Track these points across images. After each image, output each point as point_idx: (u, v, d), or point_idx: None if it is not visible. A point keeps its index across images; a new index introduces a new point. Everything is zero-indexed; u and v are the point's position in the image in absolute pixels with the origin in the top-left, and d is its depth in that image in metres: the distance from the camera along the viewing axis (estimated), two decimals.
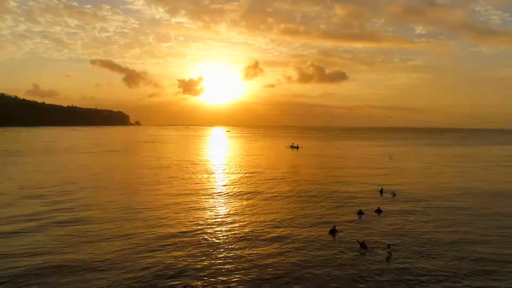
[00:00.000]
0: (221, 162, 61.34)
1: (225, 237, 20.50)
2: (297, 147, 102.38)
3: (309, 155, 78.44)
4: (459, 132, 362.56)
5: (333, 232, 21.69)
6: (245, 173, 46.52)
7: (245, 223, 23.33)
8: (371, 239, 20.37)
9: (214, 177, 43.47)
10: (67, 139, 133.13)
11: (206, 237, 20.54)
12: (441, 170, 53.44)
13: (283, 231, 21.71)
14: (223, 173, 47.36)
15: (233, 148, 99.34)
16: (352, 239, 20.35)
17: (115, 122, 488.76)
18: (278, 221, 23.70)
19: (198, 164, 57.35)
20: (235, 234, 21.07)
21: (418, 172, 50.41)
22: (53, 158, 63.13)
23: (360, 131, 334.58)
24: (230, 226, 22.68)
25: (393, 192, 34.44)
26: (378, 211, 27.36)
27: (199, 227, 22.40)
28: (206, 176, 44.36)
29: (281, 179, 41.93)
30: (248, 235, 20.75)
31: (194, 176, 44.00)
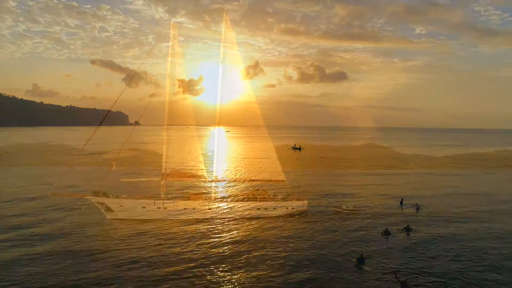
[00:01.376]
0: (222, 167, 58.01)
1: (235, 279, 16.93)
2: (299, 148, 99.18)
3: (314, 158, 75.12)
4: (460, 132, 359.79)
5: (360, 261, 18.24)
6: (250, 181, 42.76)
7: (257, 255, 19.50)
8: (412, 274, 16.85)
9: (216, 187, 40.00)
10: (60, 140, 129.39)
11: (213, 276, 17.03)
12: (460, 175, 49.98)
13: (305, 269, 17.90)
14: (226, 181, 44.02)
15: (234, 150, 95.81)
16: (388, 272, 16.82)
17: (114, 122, 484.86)
18: (296, 253, 19.69)
19: (198, 169, 53.71)
20: (244, 276, 17.38)
21: (435, 178, 47.00)
22: (31, 162, 59.50)
23: (361, 131, 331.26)
24: (237, 261, 18.75)
25: (416, 205, 30.95)
26: (407, 229, 23.89)
27: (205, 261, 18.89)
28: (207, 184, 40.82)
29: (291, 189, 38.31)
30: (262, 274, 17.08)
31: (194, 184, 40.48)
